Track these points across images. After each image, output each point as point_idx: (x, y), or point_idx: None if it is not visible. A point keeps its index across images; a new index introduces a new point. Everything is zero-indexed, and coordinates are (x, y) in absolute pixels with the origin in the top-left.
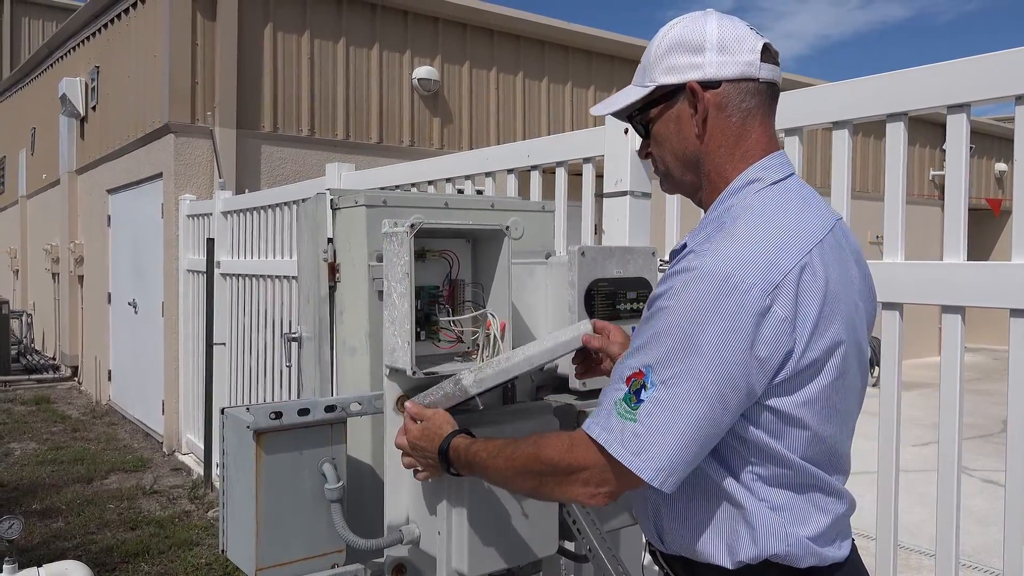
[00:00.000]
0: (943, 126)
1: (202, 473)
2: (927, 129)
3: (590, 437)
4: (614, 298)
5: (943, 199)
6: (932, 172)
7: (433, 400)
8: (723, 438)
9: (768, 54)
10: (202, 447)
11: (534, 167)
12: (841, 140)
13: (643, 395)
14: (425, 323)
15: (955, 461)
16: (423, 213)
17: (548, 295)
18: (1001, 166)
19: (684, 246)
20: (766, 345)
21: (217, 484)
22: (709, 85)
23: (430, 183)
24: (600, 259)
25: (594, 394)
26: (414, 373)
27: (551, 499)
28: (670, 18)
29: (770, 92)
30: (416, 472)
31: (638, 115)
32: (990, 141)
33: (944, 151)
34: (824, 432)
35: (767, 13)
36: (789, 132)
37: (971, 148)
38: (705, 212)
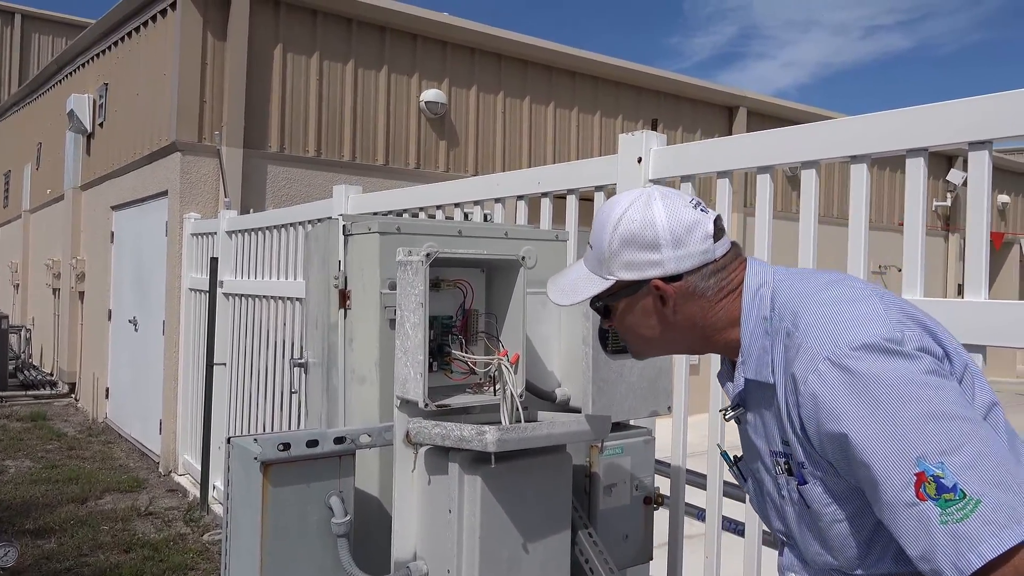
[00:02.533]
0: (948, 157)
1: (198, 495)
2: (931, 160)
3: (981, 566)
4: None
5: (947, 230)
6: (936, 203)
7: (443, 434)
8: None
9: (718, 229)
10: (199, 468)
11: (545, 194)
12: (860, 174)
13: (947, 481)
14: (438, 353)
15: None
16: (436, 241)
17: (562, 326)
18: (1004, 198)
19: (746, 382)
20: (945, 369)
21: (213, 507)
22: (672, 278)
23: (439, 207)
24: None
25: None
26: (427, 406)
27: None
28: (675, 45)
29: (733, 250)
30: None
31: (599, 302)
32: (993, 173)
33: (948, 182)
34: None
35: (770, 41)
36: (806, 165)
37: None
38: (719, 349)
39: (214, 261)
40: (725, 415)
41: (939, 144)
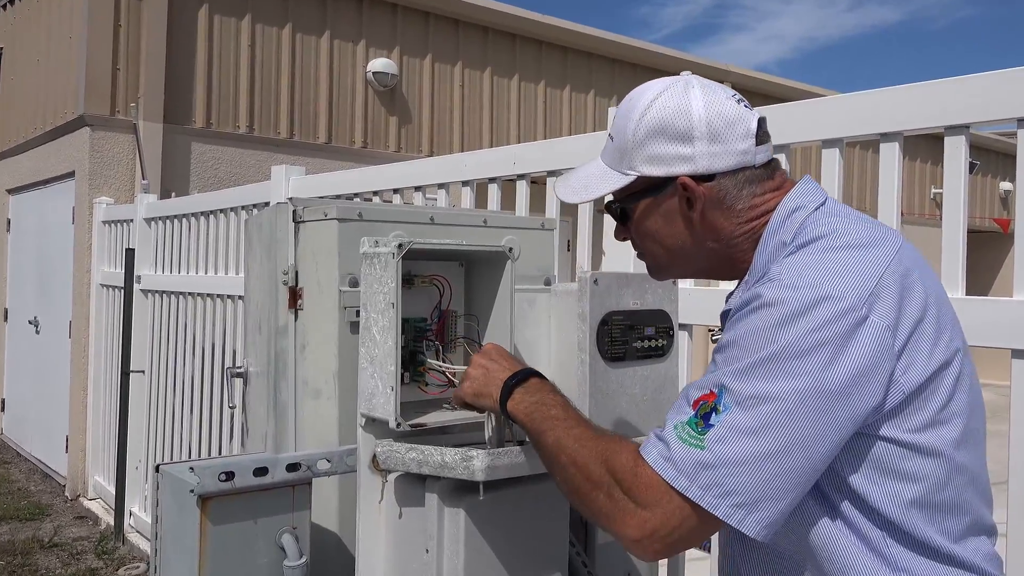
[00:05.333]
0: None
1: (112, 523)
2: (927, 143)
3: (647, 466)
4: (630, 334)
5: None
6: (933, 190)
7: (419, 459)
8: (842, 492)
9: (762, 132)
10: (112, 492)
11: (521, 176)
12: (891, 154)
13: (712, 420)
14: (410, 363)
15: None
16: (405, 229)
17: (551, 329)
18: (1006, 185)
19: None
20: (866, 360)
21: (129, 536)
22: (702, 178)
23: (395, 191)
24: (615, 288)
25: None
26: (399, 425)
27: (595, 519)
28: (643, 16)
29: (771, 165)
30: (458, 389)
31: (616, 203)
32: (994, 157)
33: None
34: (963, 462)
35: (750, 12)
36: (827, 144)
37: (975, 165)
38: (740, 274)
39: (130, 253)
40: (712, 336)
41: (983, 120)
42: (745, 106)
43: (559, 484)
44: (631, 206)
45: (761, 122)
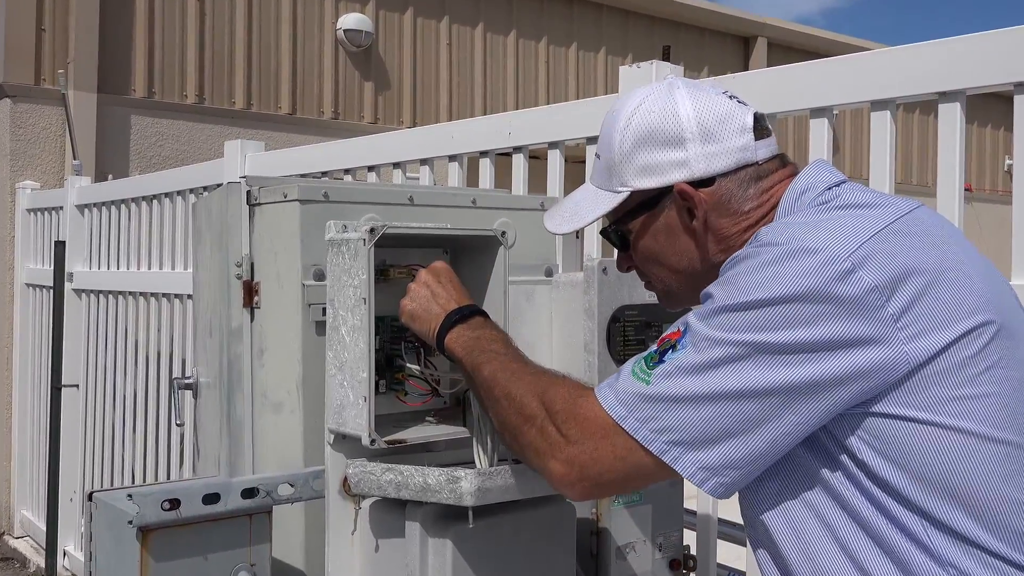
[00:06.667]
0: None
1: (43, 565)
2: (1000, 105)
3: (595, 399)
4: (645, 332)
5: None
6: (1008, 161)
7: (397, 482)
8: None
9: (760, 127)
10: (43, 528)
11: (518, 149)
12: (951, 116)
13: (666, 356)
14: (386, 369)
15: None
16: (380, 211)
17: (553, 327)
18: None
19: None
20: (841, 318)
21: None
22: (700, 183)
23: (370, 169)
24: (627, 278)
25: None
26: (373, 442)
27: (524, 455)
28: None
29: (778, 160)
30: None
31: (612, 226)
32: None
33: None
34: (1008, 443)
35: None
36: (877, 106)
37: None
38: None
39: (60, 246)
40: None
41: None
42: (739, 102)
43: (492, 420)
44: (628, 227)
45: (758, 117)
